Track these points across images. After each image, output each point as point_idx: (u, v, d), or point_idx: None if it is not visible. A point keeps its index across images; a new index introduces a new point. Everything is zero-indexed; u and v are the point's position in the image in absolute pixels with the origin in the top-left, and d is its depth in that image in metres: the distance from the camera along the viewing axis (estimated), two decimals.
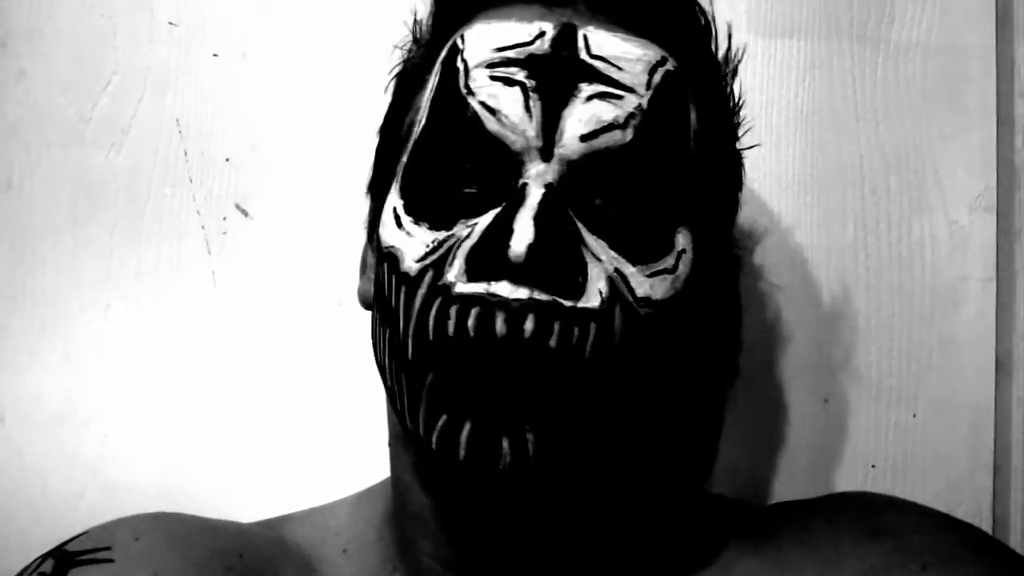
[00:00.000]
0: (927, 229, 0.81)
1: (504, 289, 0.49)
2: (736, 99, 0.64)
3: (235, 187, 0.83)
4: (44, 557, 0.58)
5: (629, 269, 0.52)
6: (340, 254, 0.77)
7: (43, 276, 0.83)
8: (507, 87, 0.53)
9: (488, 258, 0.50)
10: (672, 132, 0.55)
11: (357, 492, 0.69)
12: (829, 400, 0.80)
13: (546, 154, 0.52)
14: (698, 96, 0.58)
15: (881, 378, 0.80)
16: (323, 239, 0.81)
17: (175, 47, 0.83)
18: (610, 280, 0.52)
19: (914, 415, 0.80)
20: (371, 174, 0.63)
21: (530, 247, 0.49)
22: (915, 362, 0.80)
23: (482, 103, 0.53)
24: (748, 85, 0.80)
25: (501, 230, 0.50)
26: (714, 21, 0.62)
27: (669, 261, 0.54)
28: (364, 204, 0.64)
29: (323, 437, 0.80)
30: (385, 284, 0.55)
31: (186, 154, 0.83)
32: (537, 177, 0.52)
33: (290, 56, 0.83)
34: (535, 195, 0.51)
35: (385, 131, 0.63)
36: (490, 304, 0.49)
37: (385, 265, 0.55)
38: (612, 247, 0.52)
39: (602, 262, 0.52)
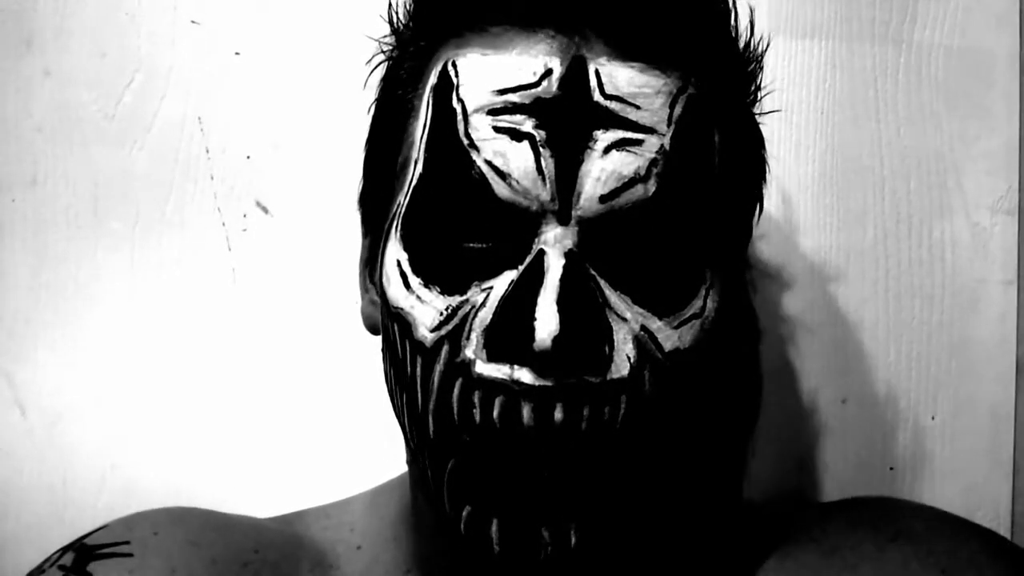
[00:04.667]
0: (948, 231, 0.80)
1: (528, 377, 0.47)
2: (759, 94, 0.59)
3: (256, 184, 0.83)
4: (64, 550, 0.59)
5: (655, 324, 0.50)
6: (359, 252, 0.77)
7: (65, 271, 0.83)
8: (515, 142, 0.48)
9: (509, 340, 0.47)
10: (697, 165, 0.51)
11: (373, 488, 0.69)
12: (848, 402, 0.80)
13: (563, 217, 0.48)
14: (722, 113, 0.54)
15: (900, 380, 0.80)
16: (342, 237, 0.82)
17: (198, 46, 0.83)
18: (637, 341, 0.49)
19: (933, 418, 0.80)
20: (361, 188, 0.61)
21: (556, 339, 0.46)
22: (934, 365, 0.80)
23: (489, 163, 0.49)
24: (768, 86, 0.79)
25: (520, 309, 0.47)
26: (736, 19, 0.57)
27: (696, 305, 0.51)
28: (355, 215, 0.63)
29: (341, 432, 0.81)
30: (398, 347, 0.52)
31: (207, 151, 0.83)
32: (555, 244, 0.48)
33: (312, 55, 0.83)
34: (555, 269, 0.47)
35: (374, 151, 0.59)
36: (515, 392, 0.47)
37: (396, 326, 0.52)
38: (636, 302, 0.49)
39: (627, 321, 0.49)
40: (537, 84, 0.49)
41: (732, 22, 0.56)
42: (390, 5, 0.59)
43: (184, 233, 0.83)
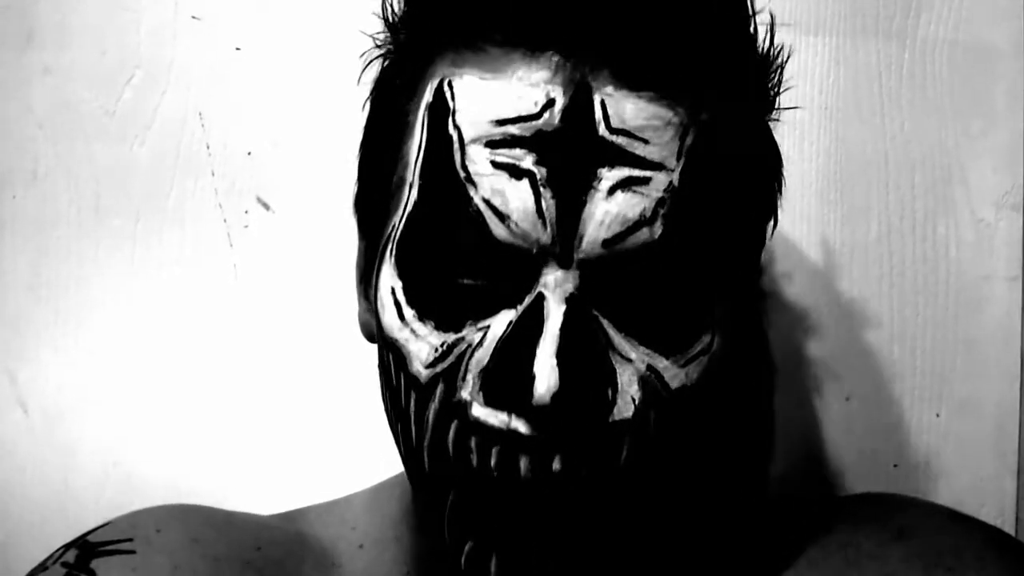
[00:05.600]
0: (952, 227, 0.80)
1: (526, 428, 0.46)
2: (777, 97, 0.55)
3: (257, 181, 0.83)
4: (67, 547, 0.59)
5: (662, 363, 0.48)
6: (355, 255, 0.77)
7: (66, 268, 0.83)
8: (514, 179, 0.46)
9: (507, 388, 0.46)
10: (707, 200, 0.48)
11: (374, 486, 0.69)
12: (852, 399, 0.80)
13: (564, 260, 0.46)
14: (736, 139, 0.51)
15: (904, 377, 0.80)
16: (344, 233, 0.81)
17: (198, 41, 0.83)
18: (642, 381, 0.48)
19: (937, 415, 0.80)
20: (356, 192, 0.59)
21: (555, 395, 0.44)
22: (939, 361, 0.80)
23: (487, 201, 0.46)
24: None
25: (518, 357, 0.45)
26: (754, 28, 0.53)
27: (704, 340, 0.49)
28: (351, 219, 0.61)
29: (343, 429, 0.80)
30: (393, 376, 0.51)
31: (208, 148, 0.83)
32: (556, 288, 0.46)
33: (313, 51, 0.83)
34: (555, 317, 0.45)
35: (368, 160, 0.57)
36: (512, 443, 0.46)
37: (390, 355, 0.51)
38: (642, 342, 0.48)
39: (632, 362, 0.48)
40: (538, 116, 0.46)
41: (749, 32, 0.52)
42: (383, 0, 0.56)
43: (185, 229, 0.83)
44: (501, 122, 0.47)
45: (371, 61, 0.57)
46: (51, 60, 0.84)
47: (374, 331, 0.55)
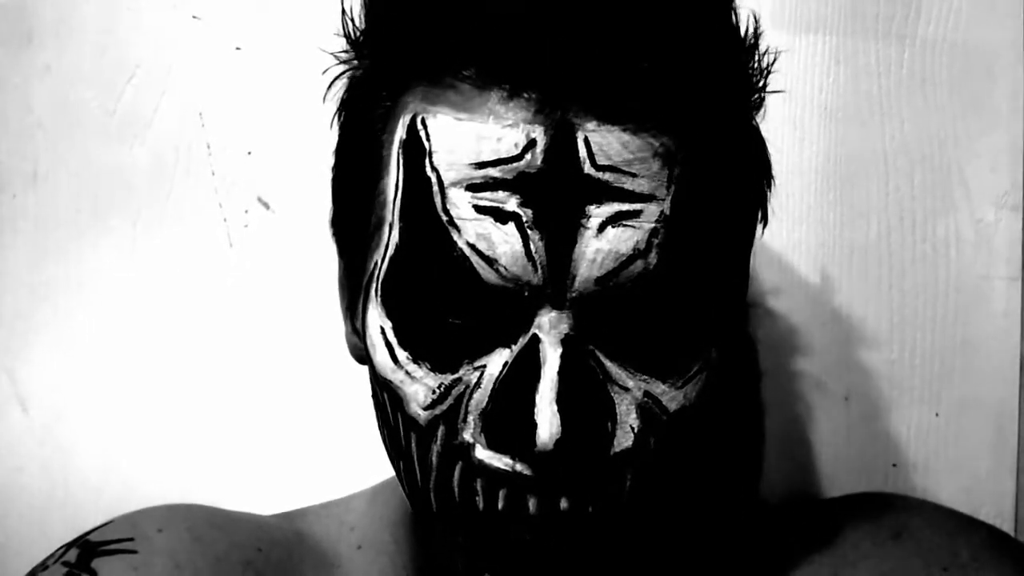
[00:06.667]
0: (952, 227, 0.80)
1: (530, 471, 0.46)
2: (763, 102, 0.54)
3: (257, 180, 0.83)
4: (68, 546, 0.59)
5: (659, 388, 0.48)
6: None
7: (66, 267, 0.83)
8: (499, 223, 0.44)
9: (508, 431, 0.45)
10: (700, 225, 0.47)
11: (373, 487, 0.69)
12: (850, 399, 0.80)
13: (558, 301, 0.45)
14: (724, 148, 0.49)
15: (903, 377, 0.80)
16: None
17: (199, 41, 0.83)
18: (640, 409, 0.47)
19: (936, 415, 0.80)
20: (332, 213, 0.57)
21: (558, 441, 0.44)
22: (938, 361, 0.80)
23: (472, 246, 0.45)
24: (771, 81, 0.79)
25: (518, 401, 0.45)
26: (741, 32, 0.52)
27: (702, 359, 0.49)
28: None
29: (343, 429, 0.80)
30: (390, 416, 0.50)
31: (208, 147, 0.83)
32: (551, 330, 0.45)
33: (313, 50, 0.83)
34: (552, 361, 0.45)
35: (344, 185, 0.55)
36: (519, 485, 0.46)
37: (386, 395, 0.50)
38: (639, 370, 0.47)
39: (629, 391, 0.47)
40: (520, 157, 0.44)
41: (733, 38, 0.50)
42: (343, 12, 0.53)
43: (185, 229, 0.83)
44: (481, 165, 0.45)
45: (335, 79, 0.56)
46: (51, 59, 0.84)
47: (363, 355, 0.54)
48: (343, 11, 0.52)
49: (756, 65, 0.52)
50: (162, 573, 0.56)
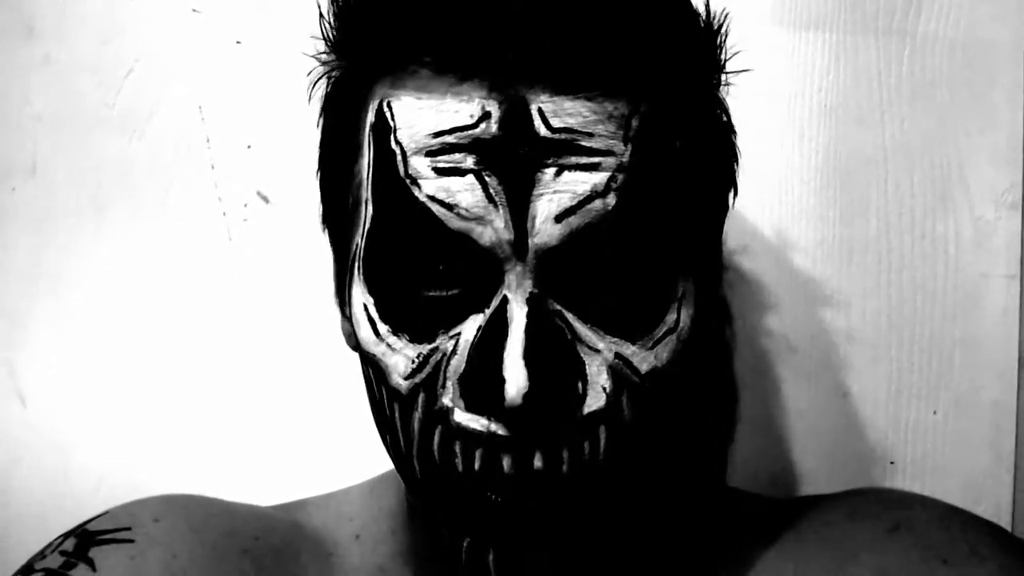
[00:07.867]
0: (951, 225, 0.80)
1: (503, 429, 0.47)
2: (725, 77, 0.55)
3: (256, 174, 0.83)
4: (66, 535, 0.59)
5: (629, 349, 0.49)
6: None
7: (66, 260, 0.83)
8: (458, 177, 0.47)
9: (482, 391, 0.47)
10: (659, 175, 0.49)
11: (372, 478, 0.69)
12: (849, 395, 0.80)
13: (520, 249, 0.47)
14: (684, 116, 0.51)
15: (902, 374, 0.80)
16: None
17: (198, 34, 0.83)
18: (611, 369, 0.49)
19: (935, 412, 0.80)
20: (322, 209, 0.59)
21: (526, 395, 0.45)
22: (937, 359, 0.80)
23: (432, 197, 0.47)
24: (772, 78, 0.79)
25: (489, 360, 0.46)
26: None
27: (670, 320, 0.50)
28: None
29: (342, 422, 0.80)
30: (375, 389, 0.53)
31: (208, 140, 0.83)
32: (517, 288, 0.47)
33: (313, 44, 0.83)
34: (519, 320, 0.46)
35: (326, 182, 0.58)
36: (494, 444, 0.47)
37: (370, 369, 0.52)
38: (608, 331, 0.49)
39: (600, 352, 0.49)
40: (475, 126, 0.47)
41: (685, 8, 0.52)
42: (321, 16, 0.56)
43: (184, 222, 0.83)
44: (439, 134, 0.47)
45: (317, 81, 0.58)
46: (51, 51, 0.84)
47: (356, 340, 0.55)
48: (320, 15, 0.56)
49: (719, 40, 0.53)
50: (158, 562, 0.56)
